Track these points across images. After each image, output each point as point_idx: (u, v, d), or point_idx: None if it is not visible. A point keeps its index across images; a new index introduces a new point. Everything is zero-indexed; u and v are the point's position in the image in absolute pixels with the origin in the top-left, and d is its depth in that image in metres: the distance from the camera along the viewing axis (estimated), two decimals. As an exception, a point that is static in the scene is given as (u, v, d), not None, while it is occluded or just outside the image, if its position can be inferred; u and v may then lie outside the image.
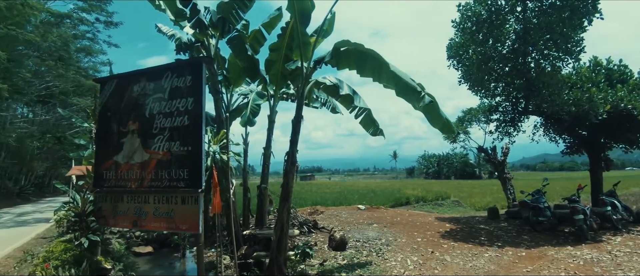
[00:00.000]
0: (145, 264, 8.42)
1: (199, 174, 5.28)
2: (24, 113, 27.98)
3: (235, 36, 8.52)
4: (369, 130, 8.25)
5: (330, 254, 8.08)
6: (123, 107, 6.27)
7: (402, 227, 11.07)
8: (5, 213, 20.25)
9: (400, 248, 8.43)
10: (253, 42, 9.45)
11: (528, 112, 11.94)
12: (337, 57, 5.95)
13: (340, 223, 11.94)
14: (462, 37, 11.23)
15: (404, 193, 21.53)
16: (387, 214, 13.94)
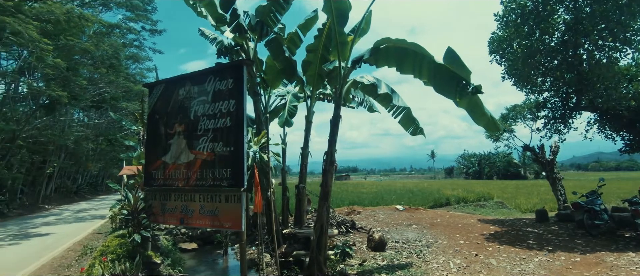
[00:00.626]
0: (190, 259, 8.80)
1: (242, 173, 5.43)
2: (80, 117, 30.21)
3: (273, 39, 8.69)
4: (408, 129, 8.09)
5: (369, 254, 8.01)
6: (170, 110, 6.60)
7: (442, 228, 10.75)
8: (65, 209, 22.02)
9: (441, 250, 8.19)
10: (290, 44, 9.60)
11: (580, 108, 11.16)
12: (376, 55, 5.89)
13: (378, 224, 11.81)
14: (506, 31, 10.71)
15: (444, 194, 20.89)
16: (426, 215, 13.60)
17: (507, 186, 31.47)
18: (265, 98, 10.74)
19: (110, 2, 21.73)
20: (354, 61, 6.29)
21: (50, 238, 11.42)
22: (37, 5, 14.40)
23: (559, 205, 12.31)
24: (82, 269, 5.76)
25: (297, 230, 8.09)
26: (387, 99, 7.64)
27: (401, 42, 5.43)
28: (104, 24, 20.68)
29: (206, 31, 10.91)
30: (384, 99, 7.65)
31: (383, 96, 7.52)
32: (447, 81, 4.79)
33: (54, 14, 14.33)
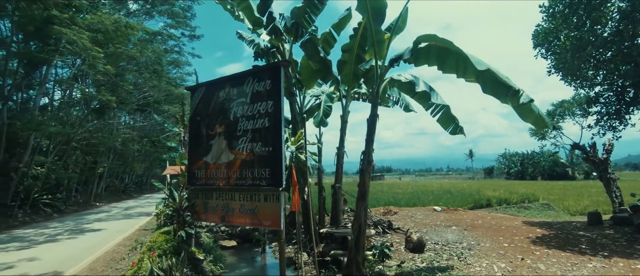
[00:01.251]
0: (230, 256, 9.07)
1: (280, 173, 5.52)
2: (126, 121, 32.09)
3: (308, 39, 8.75)
4: (447, 128, 7.85)
5: (407, 256, 7.86)
6: (210, 112, 6.82)
7: (484, 231, 10.33)
8: (114, 207, 23.47)
9: (484, 253, 7.87)
10: (324, 44, 9.63)
11: (638, 103, 10.30)
12: (416, 53, 5.76)
13: (415, 225, 11.56)
14: (552, 22, 10.11)
15: (484, 194, 20.08)
16: (466, 217, 13.13)
17: (554, 187, 29.68)
18: (300, 99, 10.85)
19: (152, 11, 22.88)
20: (392, 59, 6.19)
21: (102, 234, 12.22)
22: (88, 17, 15.48)
23: (614, 208, 11.43)
24: (133, 263, 6.10)
25: (334, 230, 8.10)
26: (425, 98, 7.45)
27: (445, 43, 5.27)
28: (148, 31, 21.81)
29: (244, 34, 11.22)
30: (421, 97, 7.47)
31: (421, 95, 7.34)
32: (496, 84, 4.59)
33: (103, 24, 15.35)
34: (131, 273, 5.80)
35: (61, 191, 21.18)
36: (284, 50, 9.24)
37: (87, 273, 7.20)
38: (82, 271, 7.42)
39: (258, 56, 9.15)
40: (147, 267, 5.57)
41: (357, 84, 9.26)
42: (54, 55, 16.09)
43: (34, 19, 13.22)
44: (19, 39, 15.94)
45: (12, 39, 15.75)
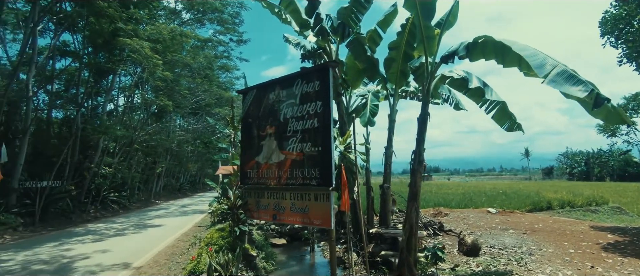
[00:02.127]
0: (280, 254, 9.28)
1: (330, 173, 5.56)
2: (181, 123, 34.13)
3: (354, 39, 8.74)
4: (503, 125, 7.44)
5: (461, 259, 7.55)
6: (261, 114, 7.06)
7: (546, 235, 9.64)
8: (171, 204, 25.06)
9: (547, 259, 7.34)
10: (370, 43, 9.55)
11: None
12: (471, 48, 5.52)
13: (468, 227, 11.08)
14: (623, 8, 9.18)
15: (544, 196, 18.68)
16: (524, 220, 12.33)
17: (626, 189, 26.88)
18: (346, 99, 10.85)
19: (203, 19, 24.12)
20: (444, 56, 5.98)
21: (163, 229, 13.11)
22: (148, 28, 16.70)
23: None
24: (193, 257, 6.49)
25: (383, 230, 8.00)
26: (478, 94, 7.11)
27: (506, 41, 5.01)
28: (200, 39, 23.02)
29: (290, 37, 11.46)
30: (474, 93, 7.13)
31: (474, 91, 7.02)
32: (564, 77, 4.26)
33: (161, 34, 16.48)
34: (191, 266, 6.16)
35: (126, 189, 23.03)
36: (331, 51, 9.30)
37: (152, 265, 7.76)
38: (148, 263, 8.02)
39: (305, 58, 9.31)
40: (206, 261, 5.88)
41: (405, 82, 9.07)
42: (119, 64, 17.59)
43: (102, 33, 14.52)
44: (89, 51, 17.61)
45: (83, 51, 17.45)
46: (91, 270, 7.33)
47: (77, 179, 17.85)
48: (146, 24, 18.00)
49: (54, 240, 10.96)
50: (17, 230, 12.53)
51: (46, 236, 11.76)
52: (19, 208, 13.90)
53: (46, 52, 17.29)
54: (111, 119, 21.26)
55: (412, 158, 6.18)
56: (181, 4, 22.78)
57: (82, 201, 17.66)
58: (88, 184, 18.18)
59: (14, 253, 9.00)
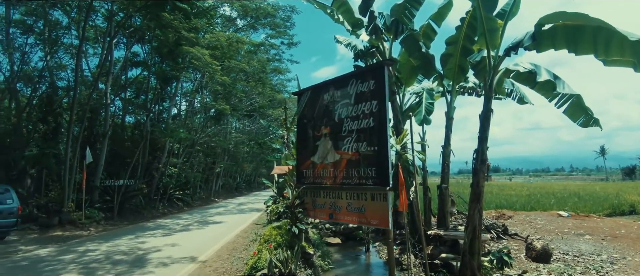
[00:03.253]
0: (335, 253, 9.36)
1: (386, 172, 5.49)
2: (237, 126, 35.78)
3: (408, 35, 8.53)
4: (577, 121, 6.80)
5: (529, 265, 7.04)
6: (316, 115, 7.16)
7: (630, 242, 8.65)
8: (229, 202, 26.35)
9: (633, 269, 6.58)
10: (424, 39, 9.26)
11: None
12: (538, 38, 5.12)
13: (536, 231, 10.29)
14: None
15: (626, 199, 16.75)
16: (603, 225, 11.16)
17: None
18: (400, 97, 10.64)
19: (256, 24, 25.07)
20: (509, 48, 5.63)
21: (223, 226, 13.84)
22: (207, 36, 17.77)
23: None
24: (254, 253, 6.78)
25: (442, 232, 7.72)
26: (547, 87, 6.58)
27: (577, 18, 4.55)
28: (254, 43, 23.97)
29: (340, 38, 11.49)
30: (543, 87, 6.61)
31: (542, 84, 6.50)
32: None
33: (219, 41, 17.45)
34: (253, 262, 6.44)
35: (189, 188, 24.67)
36: (384, 49, 9.18)
37: (215, 260, 8.24)
38: (211, 257, 8.53)
39: (358, 57, 9.28)
40: (267, 257, 6.11)
41: (463, 78, 8.68)
42: (182, 72, 18.92)
43: (167, 43, 15.71)
44: (156, 61, 19.16)
45: (151, 61, 19.04)
46: (163, 262, 7.97)
47: (147, 178, 19.49)
48: (205, 32, 19.16)
49: (130, 233, 12.07)
50: (99, 223, 13.99)
51: (123, 230, 13.00)
52: (100, 204, 15.51)
53: (120, 63, 19.11)
54: (175, 123, 22.90)
55: (473, 157, 5.90)
56: (236, 12, 23.88)
57: (152, 198, 19.25)
58: (156, 183, 19.77)
59: (98, 244, 10.06)
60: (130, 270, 7.34)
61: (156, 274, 7.09)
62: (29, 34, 16.65)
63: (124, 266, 7.60)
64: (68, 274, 7.00)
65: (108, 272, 7.14)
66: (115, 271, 7.19)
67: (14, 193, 10.79)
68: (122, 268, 7.47)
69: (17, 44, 16.71)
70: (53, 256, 8.61)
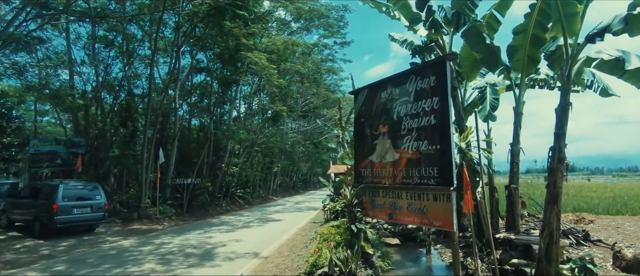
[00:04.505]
0: (394, 254, 9.17)
1: (450, 172, 5.25)
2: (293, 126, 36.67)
3: (470, 28, 8.07)
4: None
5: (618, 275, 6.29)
6: (373, 113, 7.07)
7: None
8: (287, 201, 27.10)
9: None
10: (488, 30, 8.70)
11: None
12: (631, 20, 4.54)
13: (624, 237, 9.16)
14: None
15: None
16: None
17: None
18: (461, 92, 10.13)
19: (310, 26, 25.49)
20: (593, 34, 5.06)
21: (282, 224, 14.27)
22: (264, 40, 18.46)
23: None
24: (314, 251, 6.89)
25: (513, 236, 7.18)
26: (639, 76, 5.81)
27: None
28: (308, 45, 24.40)
29: (396, 35, 11.23)
30: (634, 75, 5.85)
31: (633, 73, 5.75)
32: None
33: (276, 45, 18.04)
34: (313, 259, 6.55)
35: (249, 186, 25.83)
36: (444, 43, 8.80)
37: (276, 256, 8.52)
38: (273, 253, 8.84)
39: (415, 54, 9.00)
40: (327, 256, 6.18)
41: (533, 70, 8.02)
42: (241, 76, 19.87)
43: (228, 49, 16.61)
44: (217, 66, 20.35)
45: (213, 67, 20.26)
46: (229, 257, 8.44)
47: (212, 177, 20.76)
48: (262, 37, 19.93)
49: (198, 228, 12.95)
50: (171, 218, 15.21)
51: (192, 225, 13.99)
52: (172, 200, 16.85)
53: (186, 70, 20.59)
54: (236, 125, 24.11)
55: (549, 155, 5.41)
56: (290, 15, 24.47)
57: (216, 196, 20.46)
58: (220, 182, 20.98)
59: (172, 237, 10.94)
60: (200, 262, 7.88)
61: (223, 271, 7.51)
62: (110, 48, 18.64)
63: (195, 259, 8.18)
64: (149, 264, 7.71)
65: (181, 264, 7.73)
66: (188, 263, 7.76)
67: (102, 190, 12.14)
68: (194, 260, 8.05)
69: (101, 57, 18.81)
70: (134, 247, 9.54)
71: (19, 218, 12.02)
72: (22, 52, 16.21)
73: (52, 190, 10.99)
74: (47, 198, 10.89)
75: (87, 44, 18.70)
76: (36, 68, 17.48)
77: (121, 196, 16.34)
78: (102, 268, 7.41)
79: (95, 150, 18.59)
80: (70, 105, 18.08)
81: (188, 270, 7.32)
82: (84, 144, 17.79)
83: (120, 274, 7.04)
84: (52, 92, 17.71)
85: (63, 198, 10.75)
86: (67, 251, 9.03)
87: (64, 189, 10.96)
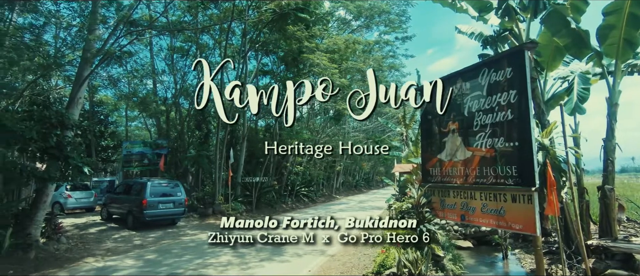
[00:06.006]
0: (467, 258, 8.69)
1: (530, 171, 4.88)
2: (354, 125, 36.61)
3: (552, 12, 7.35)
4: None
5: None
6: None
7: None
8: (350, 200, 27.16)
9: None
10: (573, 12, 7.82)
11: None
12: None
13: None
14: None
15: None
16: None
17: None
18: (540, 83, 9.26)
19: (371, 23, 25.22)
20: None
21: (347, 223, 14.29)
22: (326, 41, 18.72)
23: None
24: (382, 251, 6.82)
25: (610, 243, 6.36)
26: None
27: None
28: (369, 42, 24.19)
29: (463, 27, 10.65)
30: None
31: None
32: None
33: (337, 45, 18.19)
34: (381, 259, 6.48)
35: (312, 185, 26.36)
36: (520, 31, 8.11)
37: (343, 254, 8.59)
38: (339, 252, 8.92)
39: (487, 44, 8.43)
40: (395, 256, 6.07)
41: (631, 54, 7.04)
42: (303, 77, 20.36)
43: (291, 51, 17.15)
44: (281, 69, 21.11)
45: (277, 70, 21.07)
46: (297, 253, 8.70)
47: (278, 176, 21.58)
48: (323, 38, 20.22)
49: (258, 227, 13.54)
50: (242, 214, 16.14)
51: (261, 221, 14.67)
52: (242, 198, 17.87)
53: (252, 74, 21.68)
54: (299, 125, 24.77)
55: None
56: (350, 13, 24.45)
57: (282, 193, 21.23)
58: (285, 180, 21.73)
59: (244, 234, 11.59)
60: (271, 257, 8.26)
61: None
62: (186, 57, 20.37)
63: (266, 253, 8.59)
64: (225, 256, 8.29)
65: (254, 258, 8.18)
66: (260, 258, 8.18)
67: (182, 187, 13.31)
68: (265, 254, 8.46)
69: (178, 66, 20.67)
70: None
71: (116, 211, 13.68)
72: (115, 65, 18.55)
73: (141, 187, 12.33)
74: (138, 194, 12.24)
75: (167, 55, 20.66)
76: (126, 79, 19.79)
77: (198, 193, 17.77)
78: (185, 258, 8.15)
79: (175, 151, 20.47)
80: (154, 111, 20.13)
81: (260, 263, 7.73)
82: (166, 146, 19.71)
83: (202, 264, 7.67)
84: (140, 99, 19.88)
85: (150, 194, 12.00)
86: (155, 242, 10.07)
87: (151, 186, 12.23)
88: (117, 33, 10.54)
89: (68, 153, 8.13)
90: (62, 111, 8.63)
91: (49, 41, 10.84)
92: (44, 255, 8.06)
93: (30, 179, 8.42)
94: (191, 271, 7.33)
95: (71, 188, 15.79)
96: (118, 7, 12.53)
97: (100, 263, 7.89)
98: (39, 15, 9.39)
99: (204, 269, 7.49)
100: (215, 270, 7.46)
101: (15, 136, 6.71)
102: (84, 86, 10.11)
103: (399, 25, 25.07)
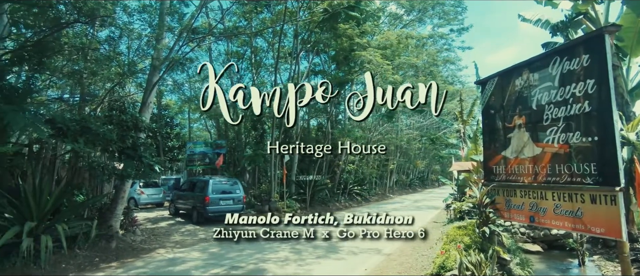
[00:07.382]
0: (537, 263, 8.06)
1: (614, 168, 4.41)
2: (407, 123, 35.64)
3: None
4: None
5: None
6: (506, 103, 6.39)
7: None
8: (404, 199, 26.52)
9: None
10: (663, -11, 6.89)
11: None
12: None
13: None
14: None
15: None
16: None
17: None
18: (623, 72, 8.30)
19: (424, 17, 24.38)
20: None
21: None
22: (377, 37, 18.46)
23: None
24: (442, 252, 6.56)
25: None
26: None
27: None
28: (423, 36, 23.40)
29: (527, 15, 9.86)
30: None
31: None
32: None
33: (389, 41, 17.85)
34: (440, 261, 6.24)
35: (365, 184, 26.15)
36: (597, 14, 7.32)
37: (399, 254, 8.43)
38: (395, 251, 8.76)
39: (557, 31, 7.72)
40: (456, 258, 5.81)
41: None
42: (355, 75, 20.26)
43: (343, 50, 17.17)
44: (332, 68, 21.21)
45: (328, 69, 21.20)
46: (353, 251, 8.71)
47: (330, 174, 21.74)
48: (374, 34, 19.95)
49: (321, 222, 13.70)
50: (296, 211, 16.50)
51: (315, 219, 14.89)
52: (296, 196, 18.28)
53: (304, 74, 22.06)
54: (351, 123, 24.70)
55: None
56: (402, 8, 23.85)
57: (335, 192, 21.35)
58: (338, 179, 21.81)
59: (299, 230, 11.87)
60: (327, 254, 8.37)
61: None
62: (241, 60, 21.32)
63: (321, 250, 8.72)
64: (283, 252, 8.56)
65: (310, 254, 8.34)
66: (316, 255, 8.32)
67: (241, 185, 13.96)
68: (321, 252, 8.59)
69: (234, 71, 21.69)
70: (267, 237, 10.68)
71: (182, 207, 14.74)
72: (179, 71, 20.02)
73: (204, 185, 13.15)
74: (201, 191, 13.07)
75: (225, 59, 21.78)
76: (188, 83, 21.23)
77: (255, 190, 18.50)
78: (246, 252, 8.54)
79: (233, 150, 21.52)
80: (214, 113, 21.32)
81: (316, 260, 7.86)
82: (225, 146, 20.79)
83: (261, 259, 8.00)
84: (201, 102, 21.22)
85: (212, 191, 12.75)
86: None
87: (212, 183, 12.99)
88: (181, 41, 11.36)
89: (142, 153, 8.93)
90: (136, 115, 9.50)
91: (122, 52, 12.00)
92: (123, 245, 8.95)
93: (112, 177, 9.39)
94: (252, 265, 7.67)
95: (143, 185, 17.35)
96: (180, 16, 13.49)
97: (170, 255, 8.57)
98: (115, 28, 10.41)
99: (263, 263, 7.81)
100: (274, 264, 7.73)
101: (99, 138, 7.52)
102: (154, 91, 11.03)
103: (454, 17, 23.96)
